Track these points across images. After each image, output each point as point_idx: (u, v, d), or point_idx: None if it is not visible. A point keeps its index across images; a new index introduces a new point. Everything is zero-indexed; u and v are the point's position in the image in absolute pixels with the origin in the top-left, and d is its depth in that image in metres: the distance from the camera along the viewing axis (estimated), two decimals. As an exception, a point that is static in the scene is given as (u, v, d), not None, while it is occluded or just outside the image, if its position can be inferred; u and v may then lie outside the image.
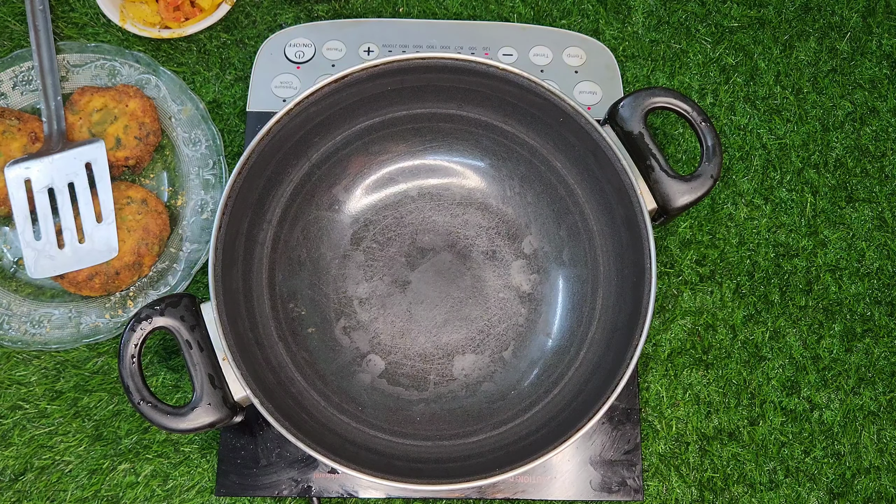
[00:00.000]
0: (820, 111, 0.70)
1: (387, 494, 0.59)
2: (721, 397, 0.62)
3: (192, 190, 0.64)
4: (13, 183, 0.60)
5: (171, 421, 0.49)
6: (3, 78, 0.65)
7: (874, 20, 0.72)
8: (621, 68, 0.70)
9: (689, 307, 0.64)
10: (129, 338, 0.50)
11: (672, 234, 0.66)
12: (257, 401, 0.49)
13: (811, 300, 0.65)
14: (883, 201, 0.68)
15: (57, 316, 0.61)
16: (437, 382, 0.60)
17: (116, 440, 0.60)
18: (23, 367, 0.61)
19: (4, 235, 0.63)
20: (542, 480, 0.59)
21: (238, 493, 0.58)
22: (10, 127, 0.61)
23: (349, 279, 0.62)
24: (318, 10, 0.71)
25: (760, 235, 0.66)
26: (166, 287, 0.62)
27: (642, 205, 0.53)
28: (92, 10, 0.69)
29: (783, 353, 0.63)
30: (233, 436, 0.59)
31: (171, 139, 0.66)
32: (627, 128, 0.56)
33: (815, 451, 0.61)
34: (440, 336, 0.61)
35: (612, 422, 0.60)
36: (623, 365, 0.51)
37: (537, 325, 0.61)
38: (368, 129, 0.61)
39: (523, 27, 0.70)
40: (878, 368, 0.63)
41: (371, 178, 0.64)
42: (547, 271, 0.62)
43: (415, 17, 0.71)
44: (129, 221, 0.61)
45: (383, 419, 0.58)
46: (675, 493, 0.60)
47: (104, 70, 0.66)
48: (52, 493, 0.58)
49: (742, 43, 0.71)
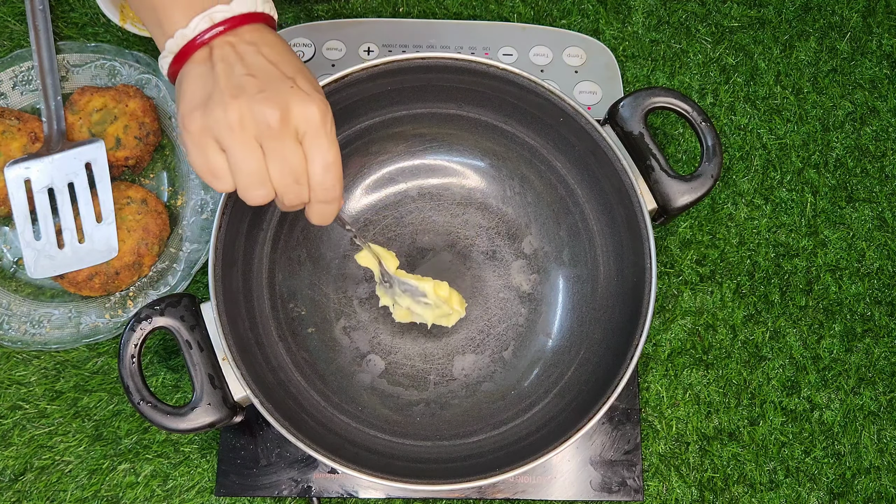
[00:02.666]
0: (820, 111, 0.70)
1: (387, 494, 0.59)
2: (721, 397, 0.62)
3: (192, 190, 0.64)
4: (13, 183, 0.60)
5: (171, 421, 0.49)
6: (3, 78, 0.65)
7: (874, 20, 0.72)
8: (621, 68, 0.70)
9: (689, 307, 0.64)
10: (129, 338, 0.50)
11: (672, 234, 0.66)
12: (257, 401, 0.49)
13: (811, 300, 0.65)
14: (883, 201, 0.68)
15: (57, 316, 0.61)
16: (437, 382, 0.60)
17: (116, 440, 0.60)
18: (23, 367, 0.61)
19: (4, 235, 0.63)
20: (542, 480, 0.59)
21: (238, 493, 0.58)
22: (10, 127, 0.61)
23: (349, 279, 0.62)
24: (318, 10, 0.71)
25: (760, 235, 0.66)
26: (166, 287, 0.62)
27: (642, 205, 0.53)
28: (92, 10, 0.69)
29: (783, 353, 0.63)
30: (233, 436, 0.59)
31: (171, 139, 0.66)
32: (627, 128, 0.56)
33: (816, 451, 0.61)
34: (440, 336, 0.61)
35: (612, 422, 0.60)
36: (623, 365, 0.51)
37: (537, 325, 0.61)
38: (368, 129, 0.61)
39: (523, 27, 0.70)
40: (878, 368, 0.63)
41: (371, 178, 0.64)
42: (547, 271, 0.62)
43: (415, 17, 0.71)
44: (129, 221, 0.61)
45: (383, 419, 0.58)
46: (676, 493, 0.60)
47: (104, 70, 0.66)
48: (52, 493, 0.58)
49: (742, 43, 0.71)
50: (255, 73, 0.41)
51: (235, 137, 0.40)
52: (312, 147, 0.42)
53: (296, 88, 0.42)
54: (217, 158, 0.41)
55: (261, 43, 0.43)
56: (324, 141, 0.42)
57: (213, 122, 0.40)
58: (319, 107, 0.42)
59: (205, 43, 0.42)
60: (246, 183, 0.42)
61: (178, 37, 0.42)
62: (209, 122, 0.41)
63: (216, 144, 0.41)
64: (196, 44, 0.42)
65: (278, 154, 0.41)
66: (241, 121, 0.40)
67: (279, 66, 0.42)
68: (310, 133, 0.42)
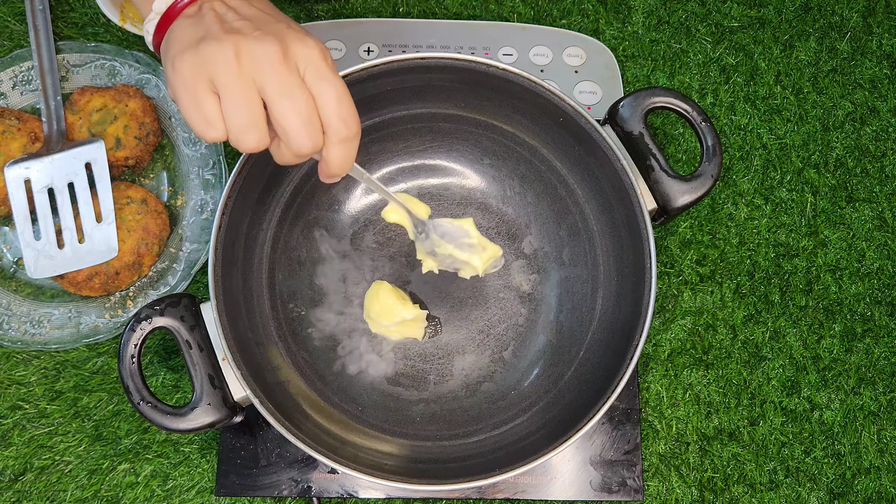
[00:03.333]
0: (820, 111, 0.70)
1: (387, 494, 0.59)
2: (721, 397, 0.62)
3: (192, 190, 0.64)
4: (13, 183, 0.60)
5: (171, 421, 0.49)
6: (3, 78, 0.65)
7: (874, 20, 0.72)
8: (621, 68, 0.70)
9: (689, 307, 0.64)
10: (129, 338, 0.50)
11: (672, 234, 0.66)
12: (257, 401, 0.49)
13: (811, 300, 0.65)
14: (883, 201, 0.68)
15: (57, 316, 0.61)
16: (437, 382, 0.60)
17: (116, 440, 0.60)
18: (23, 367, 0.61)
19: (4, 235, 0.63)
20: (542, 480, 0.59)
21: (238, 493, 0.58)
22: (10, 127, 0.61)
23: (349, 279, 0.62)
24: (318, 9, 0.71)
25: (760, 235, 0.66)
26: (166, 287, 0.62)
27: (642, 205, 0.53)
28: (92, 10, 0.69)
29: (783, 353, 0.63)
30: (233, 436, 0.59)
31: (171, 139, 0.66)
32: (627, 128, 0.56)
33: (816, 452, 0.61)
34: (440, 336, 0.61)
35: (612, 422, 0.60)
36: (623, 365, 0.51)
37: (537, 325, 0.61)
38: (368, 129, 0.60)
39: (523, 27, 0.70)
40: (878, 368, 0.63)
41: (371, 177, 0.64)
42: (547, 271, 0.62)
43: (415, 17, 0.71)
44: (128, 221, 0.61)
45: (383, 419, 0.58)
46: (676, 494, 0.60)
47: (104, 70, 0.66)
48: (52, 493, 0.58)
49: (742, 43, 0.71)
50: (249, 18, 0.40)
51: (230, 74, 0.38)
52: (319, 81, 0.39)
53: (291, 29, 0.40)
54: (209, 101, 0.38)
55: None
56: (329, 74, 0.39)
57: (206, 58, 0.38)
58: (317, 44, 0.40)
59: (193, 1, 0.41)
60: (240, 127, 0.38)
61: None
62: (202, 59, 0.38)
63: (208, 85, 0.38)
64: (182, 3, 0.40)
65: (285, 93, 0.38)
66: (236, 55, 0.38)
67: (272, 14, 0.41)
68: (312, 68, 0.39)
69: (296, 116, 0.39)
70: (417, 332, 0.60)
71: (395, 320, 0.58)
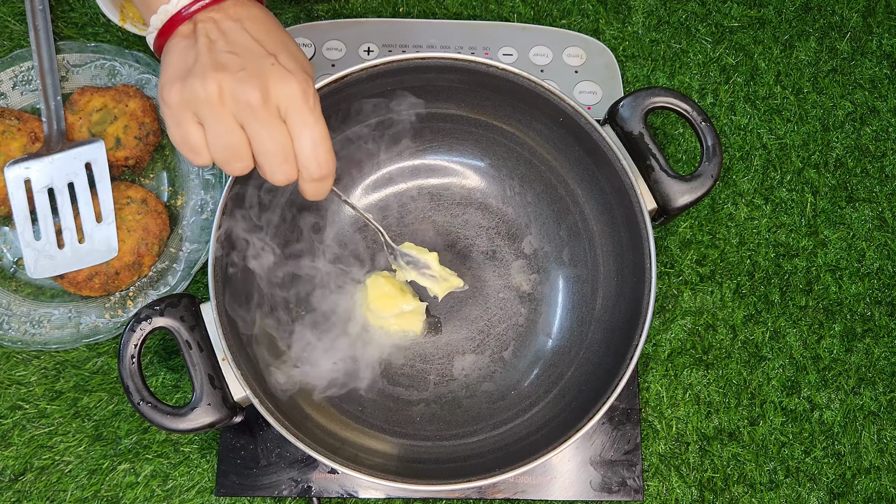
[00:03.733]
0: (820, 111, 0.70)
1: (387, 494, 0.59)
2: (721, 397, 0.62)
3: (192, 190, 0.64)
4: (13, 183, 0.60)
5: (171, 421, 0.49)
6: (3, 78, 0.65)
7: (874, 20, 0.72)
8: (621, 68, 0.70)
9: (689, 307, 0.64)
10: (128, 338, 0.50)
11: (672, 234, 0.66)
12: (257, 401, 0.49)
13: (811, 300, 0.65)
14: (883, 201, 0.68)
15: (57, 316, 0.61)
16: (437, 382, 0.60)
17: (116, 440, 0.60)
18: (23, 367, 0.61)
19: (4, 235, 0.63)
20: (542, 480, 0.59)
21: (238, 493, 0.58)
22: (10, 127, 0.61)
23: (349, 279, 0.62)
24: (318, 9, 0.71)
25: (760, 235, 0.66)
26: (166, 287, 0.62)
27: (642, 205, 0.53)
28: (92, 10, 0.69)
29: (783, 353, 0.63)
30: (233, 436, 0.59)
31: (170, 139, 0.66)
32: (627, 128, 0.56)
33: (816, 452, 0.61)
34: (440, 336, 0.61)
35: (612, 422, 0.60)
36: (623, 365, 0.51)
37: (537, 325, 0.61)
38: (368, 128, 0.60)
39: (523, 27, 0.70)
40: (878, 368, 0.63)
41: (371, 178, 0.64)
42: (547, 271, 0.62)
43: (415, 17, 0.71)
44: (128, 221, 0.61)
45: (383, 419, 0.58)
46: (676, 494, 0.60)
47: (104, 70, 0.66)
48: (52, 493, 0.58)
49: (742, 43, 0.71)
50: (237, 51, 0.41)
51: (212, 112, 0.40)
52: (296, 124, 0.42)
53: (277, 66, 0.41)
54: (194, 132, 0.41)
55: (245, 18, 0.43)
56: (308, 117, 0.42)
57: (191, 95, 0.40)
58: (300, 83, 0.41)
59: (189, 16, 0.42)
60: (223, 157, 0.42)
61: (161, 12, 0.43)
62: (187, 96, 0.40)
63: (193, 118, 0.41)
64: (180, 17, 0.42)
65: (263, 134, 0.41)
66: (219, 95, 0.40)
67: (263, 42, 0.42)
68: (292, 110, 0.41)
69: (272, 156, 0.42)
70: (417, 325, 0.60)
71: (395, 312, 0.58)
